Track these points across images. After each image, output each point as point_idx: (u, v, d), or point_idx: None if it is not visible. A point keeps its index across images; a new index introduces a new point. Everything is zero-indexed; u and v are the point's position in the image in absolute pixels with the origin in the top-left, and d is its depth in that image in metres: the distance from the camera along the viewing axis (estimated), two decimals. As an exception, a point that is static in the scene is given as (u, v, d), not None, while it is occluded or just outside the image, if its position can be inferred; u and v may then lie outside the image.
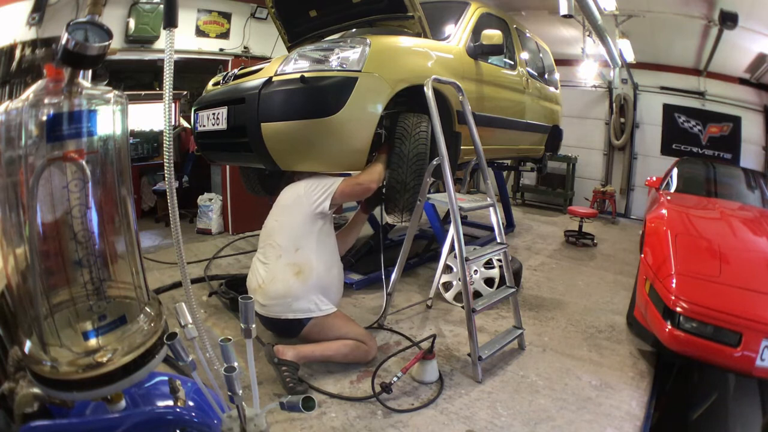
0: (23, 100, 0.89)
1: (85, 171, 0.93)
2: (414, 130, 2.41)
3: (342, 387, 2.07)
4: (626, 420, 1.95)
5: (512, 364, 2.36)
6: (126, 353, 0.97)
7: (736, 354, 2.04)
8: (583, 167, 7.67)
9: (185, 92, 6.29)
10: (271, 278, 2.14)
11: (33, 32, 2.79)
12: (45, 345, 0.94)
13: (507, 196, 5.75)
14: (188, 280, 1.38)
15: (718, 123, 6.78)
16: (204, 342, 1.40)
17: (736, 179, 4.67)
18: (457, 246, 2.23)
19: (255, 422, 1.04)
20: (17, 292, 0.96)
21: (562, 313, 3.09)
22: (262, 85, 2.22)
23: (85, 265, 0.96)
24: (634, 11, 5.23)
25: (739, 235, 3.08)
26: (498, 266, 3.10)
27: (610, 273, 4.11)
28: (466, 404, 1.99)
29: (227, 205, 4.86)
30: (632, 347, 2.63)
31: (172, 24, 1.29)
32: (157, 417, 1.02)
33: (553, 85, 5.03)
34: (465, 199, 2.57)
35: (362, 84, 2.20)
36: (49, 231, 0.93)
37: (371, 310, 2.89)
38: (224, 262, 3.87)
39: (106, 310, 0.99)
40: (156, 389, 1.18)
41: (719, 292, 2.23)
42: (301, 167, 2.33)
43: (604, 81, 7.40)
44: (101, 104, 0.97)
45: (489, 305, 2.40)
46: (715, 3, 4.72)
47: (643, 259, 2.77)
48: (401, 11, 2.73)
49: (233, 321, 2.70)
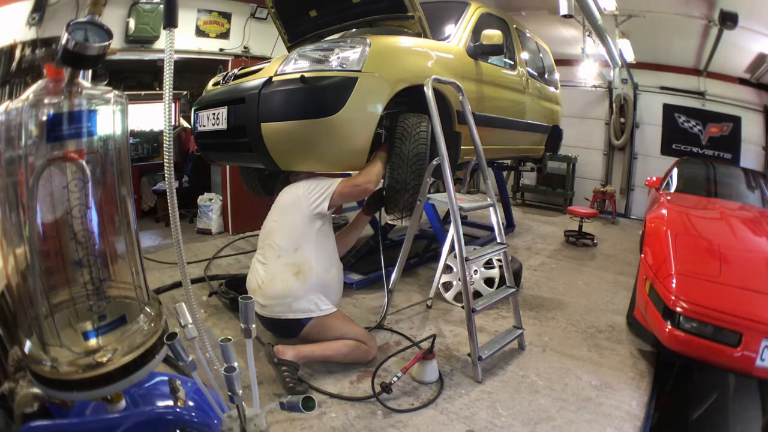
0: (23, 100, 0.89)
1: (85, 171, 0.93)
2: (414, 130, 2.41)
3: (342, 387, 2.07)
4: (626, 420, 1.95)
5: (512, 364, 2.36)
6: (126, 353, 0.97)
7: (736, 354, 2.04)
8: (583, 167, 7.67)
9: (185, 92, 6.29)
10: (271, 278, 2.14)
11: (33, 32, 2.79)
12: (45, 345, 0.94)
13: (507, 196, 5.75)
14: (188, 280, 1.38)
15: (718, 123, 6.78)
16: (204, 342, 1.40)
17: (736, 179, 4.67)
18: (457, 246, 2.23)
19: (255, 422, 1.04)
20: (17, 292, 0.96)
21: (562, 313, 3.09)
22: (262, 85, 2.22)
23: (85, 265, 0.96)
24: (634, 11, 5.23)
25: (739, 235, 3.08)
26: (498, 266, 3.10)
27: (610, 273, 4.11)
28: (466, 404, 1.99)
29: (227, 205, 4.86)
30: (632, 347, 2.63)
31: (172, 24, 1.29)
32: (157, 417, 1.02)
33: (553, 85, 5.03)
34: (465, 199, 2.57)
35: (362, 84, 2.20)
36: (49, 231, 0.93)
37: (371, 310, 2.89)
38: (224, 262, 3.87)
39: (106, 310, 0.99)
40: (156, 389, 1.18)
41: (719, 292, 2.23)
42: (301, 167, 2.33)
43: (604, 81, 7.40)
44: (101, 104, 0.97)
45: (489, 305, 2.40)
46: (715, 3, 4.72)
47: (643, 259, 2.77)
48: (401, 11, 2.73)
49: (233, 321, 2.70)
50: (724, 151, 6.77)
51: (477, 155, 2.58)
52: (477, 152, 2.57)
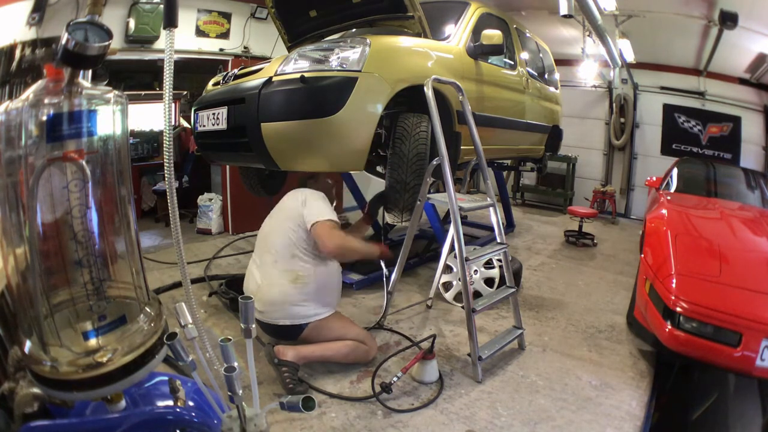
0: (23, 100, 0.89)
1: (85, 171, 0.93)
2: (414, 130, 2.40)
3: (342, 387, 2.07)
4: (626, 420, 1.95)
5: (512, 364, 2.36)
6: (126, 353, 0.97)
7: (736, 354, 2.04)
8: (583, 167, 7.66)
9: (185, 92, 6.29)
10: (268, 284, 2.12)
11: (33, 32, 2.79)
12: (45, 345, 0.94)
13: (507, 196, 5.75)
14: (188, 280, 1.38)
15: (718, 123, 6.78)
16: (204, 342, 1.40)
17: (736, 179, 4.67)
18: (457, 246, 2.23)
19: (255, 422, 1.03)
20: (17, 292, 0.96)
21: (562, 313, 3.09)
22: (262, 85, 2.22)
23: (85, 265, 0.96)
24: (634, 11, 5.23)
25: (739, 235, 3.08)
26: (498, 266, 3.10)
27: (610, 273, 4.11)
28: (466, 404, 1.99)
29: (227, 205, 4.87)
30: (632, 347, 2.63)
31: (172, 24, 1.28)
32: (157, 417, 1.02)
33: (553, 85, 5.03)
34: (465, 199, 2.57)
35: (362, 84, 2.20)
36: (49, 231, 0.93)
37: (371, 310, 2.89)
38: (224, 262, 3.87)
39: (106, 310, 0.99)
40: (156, 389, 1.18)
41: (719, 292, 2.23)
42: (301, 167, 2.33)
43: (604, 81, 7.40)
44: (101, 104, 0.97)
45: (489, 305, 2.40)
46: (715, 3, 4.72)
47: (643, 259, 2.77)
48: (401, 11, 2.73)
49: (233, 321, 2.70)
50: (724, 151, 6.76)
51: (477, 155, 2.58)
52: (477, 152, 2.57)
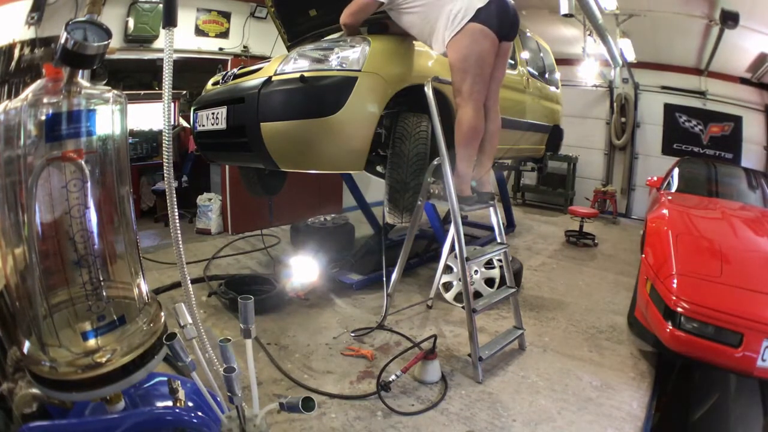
0: (22, 99, 0.89)
1: (84, 171, 0.92)
2: (414, 129, 2.40)
3: (342, 387, 2.06)
4: (627, 420, 1.95)
5: (513, 364, 2.36)
6: (125, 354, 0.97)
7: (737, 354, 2.03)
8: (583, 167, 7.66)
9: (185, 92, 6.28)
10: None
11: (32, 32, 2.78)
12: (44, 345, 0.94)
13: (507, 196, 5.74)
14: (188, 280, 1.38)
15: (719, 122, 6.77)
16: (203, 342, 1.39)
17: (738, 179, 4.66)
18: (457, 246, 2.22)
19: (254, 423, 1.03)
20: (16, 293, 0.96)
21: (562, 313, 3.09)
22: (261, 84, 2.21)
23: (84, 266, 0.95)
24: (635, 10, 5.23)
25: (740, 235, 3.07)
26: (498, 266, 3.09)
27: (610, 273, 4.11)
28: (466, 405, 1.99)
29: (227, 205, 4.86)
30: (633, 347, 2.63)
31: (172, 23, 1.28)
32: (156, 418, 1.02)
33: (553, 84, 5.02)
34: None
35: (362, 84, 2.19)
36: (48, 231, 0.92)
37: (371, 310, 2.89)
38: (223, 263, 3.87)
39: (105, 310, 0.99)
40: (155, 390, 1.18)
41: (720, 293, 2.23)
42: (301, 167, 2.33)
43: (604, 80, 7.39)
44: (100, 104, 0.97)
45: (489, 305, 2.40)
46: (716, 2, 4.71)
47: (644, 259, 2.77)
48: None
49: (233, 321, 2.70)
50: (725, 151, 6.76)
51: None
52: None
